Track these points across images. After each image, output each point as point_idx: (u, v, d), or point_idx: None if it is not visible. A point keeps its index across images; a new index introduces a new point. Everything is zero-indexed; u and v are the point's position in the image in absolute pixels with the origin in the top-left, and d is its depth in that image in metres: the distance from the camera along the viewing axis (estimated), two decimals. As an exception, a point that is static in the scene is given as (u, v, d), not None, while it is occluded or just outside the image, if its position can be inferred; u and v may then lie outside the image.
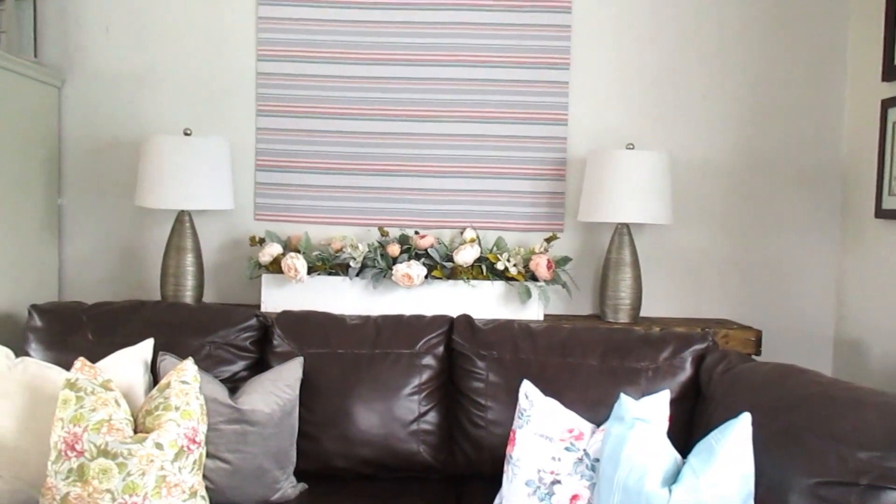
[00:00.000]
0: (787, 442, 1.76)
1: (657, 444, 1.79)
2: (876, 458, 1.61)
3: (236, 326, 2.45)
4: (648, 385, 2.23)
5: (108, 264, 3.05)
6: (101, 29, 3.00)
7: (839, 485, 1.63)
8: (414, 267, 2.72)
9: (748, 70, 3.00)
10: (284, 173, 3.00)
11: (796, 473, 1.70)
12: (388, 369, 2.36)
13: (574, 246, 3.03)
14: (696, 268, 3.05)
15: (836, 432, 1.70)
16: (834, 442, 1.68)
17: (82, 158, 3.02)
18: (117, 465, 1.86)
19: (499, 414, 2.29)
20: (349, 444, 2.28)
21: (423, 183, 2.99)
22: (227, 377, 2.37)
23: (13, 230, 2.67)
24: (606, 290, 2.83)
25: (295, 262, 2.71)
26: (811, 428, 1.75)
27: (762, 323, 2.97)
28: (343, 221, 3.01)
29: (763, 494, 1.73)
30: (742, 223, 3.04)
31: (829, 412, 1.76)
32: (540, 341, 2.38)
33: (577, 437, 1.96)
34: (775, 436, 1.79)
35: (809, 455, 1.70)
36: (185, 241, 2.80)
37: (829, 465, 1.66)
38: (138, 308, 2.49)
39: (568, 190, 3.02)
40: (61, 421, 1.91)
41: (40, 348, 2.38)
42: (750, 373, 2.08)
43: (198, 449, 2.00)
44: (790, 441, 1.75)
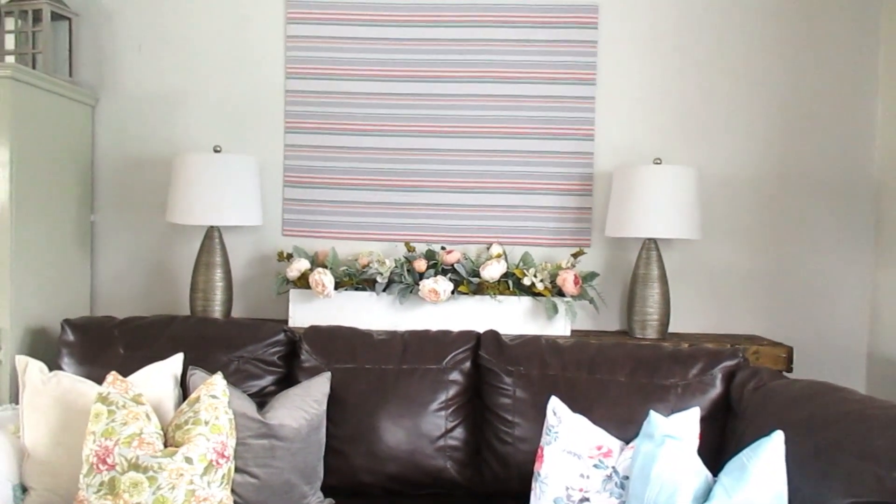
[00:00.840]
0: (822, 461, 1.72)
1: (688, 461, 1.77)
2: (914, 479, 1.57)
3: (264, 341, 2.47)
4: (678, 402, 2.20)
5: (138, 279, 3.09)
6: (133, 49, 3.07)
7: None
8: (440, 282, 2.73)
9: (776, 83, 2.98)
10: (312, 189, 3.03)
11: (831, 493, 1.66)
12: (415, 385, 2.36)
13: (601, 261, 3.01)
14: (725, 283, 3.02)
15: (872, 451, 1.66)
16: (870, 461, 1.65)
17: (115, 175, 3.08)
18: (148, 478, 1.88)
19: (526, 430, 2.27)
20: (376, 460, 2.28)
21: (450, 198, 3.00)
22: (255, 392, 2.38)
23: (47, 246, 2.73)
24: (634, 306, 2.81)
25: (322, 278, 2.73)
26: (846, 447, 1.71)
27: (793, 339, 2.93)
28: (370, 237, 3.02)
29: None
30: (772, 238, 3.01)
31: (865, 431, 1.72)
32: (567, 357, 2.36)
33: (605, 455, 1.94)
34: (809, 454, 1.75)
35: (845, 474, 1.66)
36: (215, 257, 2.83)
37: (866, 485, 1.62)
38: (168, 323, 2.52)
39: (594, 205, 3.01)
40: (93, 434, 1.93)
41: (73, 362, 2.42)
42: (782, 390, 2.04)
43: (227, 463, 2.01)
44: (825, 460, 1.72)
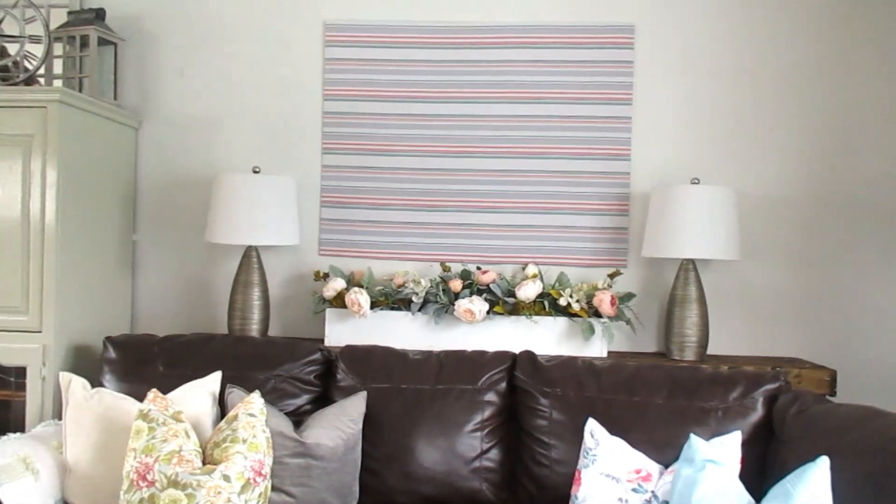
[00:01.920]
0: (870, 488, 1.68)
1: (730, 487, 1.74)
2: (967, 508, 1.52)
3: (301, 360, 2.49)
4: (718, 426, 2.16)
5: (178, 298, 3.14)
6: (175, 73, 3.14)
7: (927, 535, 1.54)
8: (476, 302, 2.72)
9: (816, 102, 2.94)
10: (348, 209, 3.06)
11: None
12: (451, 405, 2.36)
13: (638, 282, 2.99)
14: (765, 305, 2.97)
15: (923, 479, 1.62)
16: (920, 489, 1.60)
17: (156, 196, 3.14)
18: (186, 495, 1.90)
19: (563, 453, 2.25)
20: (411, 481, 2.28)
21: (485, 218, 3.01)
22: (292, 410, 2.40)
23: (91, 265, 2.78)
24: (672, 327, 2.78)
25: (358, 297, 2.75)
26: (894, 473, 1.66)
27: (836, 362, 2.87)
28: (405, 257, 3.03)
29: (844, 543, 1.66)
30: (813, 259, 2.95)
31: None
32: (604, 379, 2.34)
33: (644, 479, 1.91)
34: (856, 481, 1.71)
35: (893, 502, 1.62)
36: (252, 276, 2.86)
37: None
38: (207, 341, 2.56)
39: (631, 225, 2.99)
40: (134, 451, 1.96)
41: (114, 379, 2.46)
42: (826, 415, 2.00)
43: (263, 482, 2.02)
44: (873, 487, 1.67)
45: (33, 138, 2.53)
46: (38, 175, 2.53)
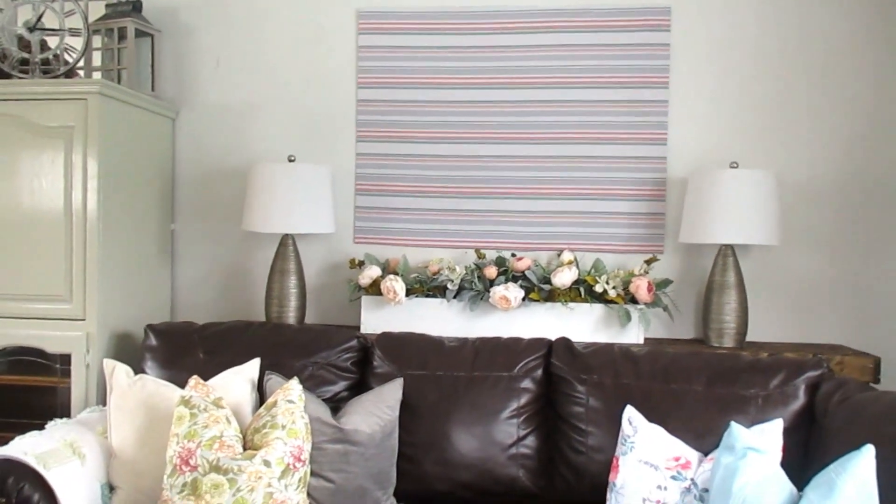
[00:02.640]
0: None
1: (771, 475, 1.72)
2: None
3: (338, 347, 2.51)
4: (758, 414, 2.13)
5: (216, 286, 3.18)
6: (211, 64, 3.17)
7: (977, 526, 1.51)
8: (511, 289, 2.72)
9: (859, 85, 2.87)
10: (383, 197, 3.07)
11: (927, 512, 1.58)
12: (487, 392, 2.36)
13: (675, 268, 2.95)
14: (806, 291, 2.92)
15: (972, 469, 1.58)
16: (970, 479, 1.56)
17: (194, 185, 3.18)
18: (228, 480, 1.93)
19: (600, 440, 2.24)
20: (448, 467, 2.29)
21: (520, 205, 2.99)
22: (329, 397, 2.42)
23: (131, 254, 2.83)
24: (710, 314, 2.74)
25: (394, 285, 2.76)
26: (943, 463, 1.63)
27: (880, 349, 2.81)
28: (440, 244, 3.04)
29: (890, 533, 1.63)
30: (855, 245, 2.89)
31: (963, 447, 1.64)
32: (642, 366, 2.32)
33: (683, 466, 1.89)
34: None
35: (942, 492, 1.58)
36: (289, 264, 2.89)
37: (966, 505, 1.54)
38: (245, 329, 2.59)
39: (668, 211, 2.95)
40: (176, 436, 1.99)
41: (156, 366, 2.50)
42: (871, 402, 1.96)
43: (303, 467, 2.05)
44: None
45: (74, 130, 2.58)
46: (79, 166, 2.58)
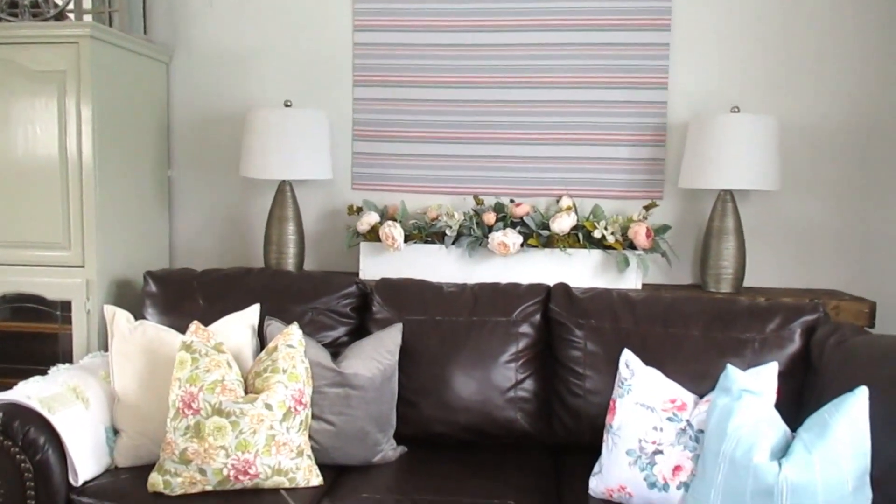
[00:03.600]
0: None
1: (766, 416, 1.74)
2: None
3: (337, 293, 2.52)
4: (755, 357, 2.16)
5: (214, 233, 3.17)
6: (205, 6, 3.10)
7: (967, 464, 1.54)
8: (510, 235, 2.71)
9: (864, 28, 2.82)
10: (380, 143, 3.04)
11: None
12: (485, 337, 2.38)
13: (674, 214, 2.95)
14: (804, 236, 2.92)
15: (964, 409, 1.60)
16: (961, 419, 1.59)
17: (189, 131, 3.15)
18: (230, 423, 1.96)
19: (597, 383, 2.27)
20: (447, 410, 2.32)
21: (519, 150, 2.97)
22: (329, 342, 2.44)
23: (129, 201, 2.82)
24: (708, 260, 2.75)
25: (392, 231, 2.75)
26: (935, 404, 1.65)
27: (876, 294, 2.82)
28: (439, 190, 3.02)
29: (880, 473, 1.66)
30: (854, 189, 2.88)
31: (956, 388, 1.66)
32: (640, 311, 2.34)
33: (679, 408, 1.92)
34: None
35: (933, 432, 1.61)
36: (287, 211, 2.88)
37: (956, 444, 1.57)
38: (244, 275, 2.59)
39: (668, 156, 2.93)
40: (178, 381, 2.01)
41: (156, 312, 2.52)
42: (866, 346, 1.98)
43: (304, 410, 2.07)
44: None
45: (66, 74, 2.54)
46: (73, 112, 2.55)
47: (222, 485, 1.98)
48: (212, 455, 1.95)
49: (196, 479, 1.97)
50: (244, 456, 1.96)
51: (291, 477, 2.02)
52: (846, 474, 1.62)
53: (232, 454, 1.95)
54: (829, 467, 1.62)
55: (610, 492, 1.95)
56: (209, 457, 1.95)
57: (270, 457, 1.98)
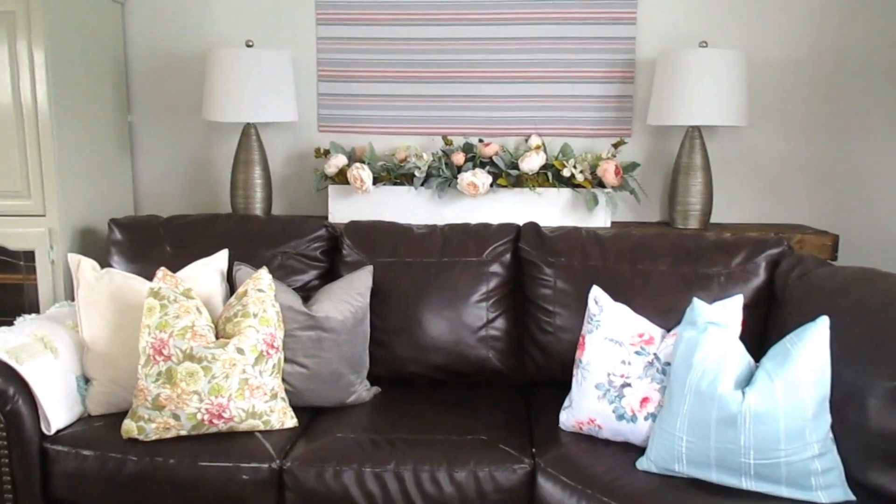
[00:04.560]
0: (868, 346, 1.72)
1: (730, 347, 1.78)
2: (961, 362, 1.56)
3: (306, 237, 2.50)
4: (720, 291, 2.20)
5: (179, 178, 3.11)
6: (158, -60, 2.98)
7: (921, 388, 1.59)
8: (479, 175, 2.70)
9: (834, -43, 2.80)
10: (347, 83, 2.98)
11: (876, 377, 1.66)
12: (456, 277, 2.39)
13: (642, 151, 2.95)
14: (770, 172, 2.95)
15: (920, 336, 1.65)
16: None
17: (148, 74, 3.05)
18: (202, 368, 1.96)
19: (567, 320, 2.30)
20: (420, 350, 2.34)
21: (487, 89, 2.93)
22: (300, 286, 2.43)
23: (88, 147, 2.75)
24: (676, 196, 2.77)
25: (360, 173, 2.72)
26: (893, 331, 1.70)
27: (840, 228, 2.88)
28: (407, 131, 2.98)
29: (839, 398, 1.71)
30: (821, 124, 2.90)
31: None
32: (609, 248, 2.36)
33: (647, 342, 1.96)
34: (855, 340, 1.75)
35: (891, 358, 1.66)
36: (253, 155, 2.83)
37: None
38: (212, 221, 2.56)
39: (636, 93, 2.92)
40: (148, 328, 2.00)
41: (122, 260, 2.48)
42: (828, 277, 2.02)
43: (276, 354, 2.08)
44: (870, 345, 1.71)
45: (16, 16, 2.44)
46: (24, 55, 2.46)
47: (197, 429, 1.99)
48: (185, 400, 1.95)
49: (170, 424, 1.97)
50: (218, 400, 1.96)
51: (266, 420, 2.04)
52: (807, 401, 1.67)
53: (205, 399, 1.96)
54: (790, 394, 1.67)
55: (580, 424, 2.00)
56: (182, 402, 1.95)
57: (244, 400, 1.99)
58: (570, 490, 1.81)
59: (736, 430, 1.68)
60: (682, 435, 1.75)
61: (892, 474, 1.62)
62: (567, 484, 1.83)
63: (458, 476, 1.90)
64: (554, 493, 1.84)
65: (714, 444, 1.71)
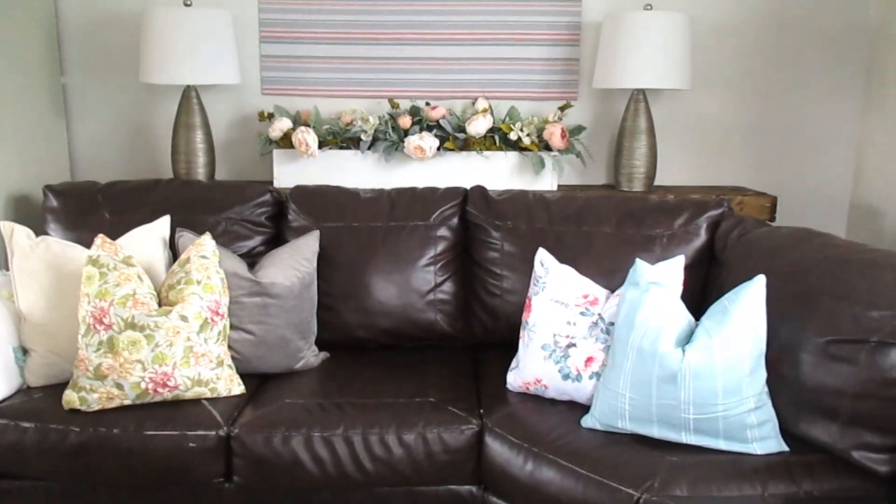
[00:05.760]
0: (802, 304, 1.78)
1: (671, 307, 1.82)
2: (888, 317, 1.62)
3: (251, 202, 2.46)
4: (663, 252, 2.24)
5: (117, 143, 3.02)
6: None
7: (850, 342, 1.66)
8: (426, 139, 2.69)
9: (775, -79, 2.83)
10: (290, 45, 2.91)
11: (809, 333, 1.72)
12: (404, 241, 2.38)
13: (588, 114, 2.97)
14: (713, 134, 3.00)
15: (851, 294, 1.71)
16: (848, 303, 1.70)
17: (82, 35, 2.93)
18: (145, 336, 1.92)
19: (514, 283, 2.32)
20: (368, 315, 2.34)
21: (434, 52, 2.90)
22: (245, 252, 2.40)
23: (19, 111, 2.63)
24: (621, 159, 2.80)
25: (306, 137, 2.68)
26: (826, 290, 1.76)
27: (779, 189, 2.96)
28: (353, 94, 2.94)
29: (774, 354, 1.77)
30: (762, 87, 2.95)
31: (845, 274, 1.77)
32: (555, 211, 2.38)
33: (592, 303, 1.99)
34: (790, 298, 1.81)
35: (823, 315, 1.72)
36: (193, 118, 2.76)
37: (842, 325, 1.68)
38: (153, 186, 2.49)
39: (582, 56, 2.93)
40: (87, 296, 1.95)
41: (59, 228, 2.41)
42: (765, 237, 2.08)
43: (221, 321, 2.05)
44: (804, 303, 1.77)
45: (-65, -30, 2.31)
46: (-54, 12, 2.34)
47: (141, 398, 1.96)
48: (128, 369, 1.92)
49: (113, 393, 1.94)
50: (162, 369, 1.93)
51: (213, 387, 2.02)
52: (743, 357, 1.72)
53: (149, 367, 1.93)
54: (727, 351, 1.72)
55: (526, 385, 2.03)
56: (125, 371, 1.92)
57: (189, 368, 1.97)
58: (517, 448, 1.85)
59: (676, 387, 1.73)
60: (626, 392, 1.80)
61: (822, 426, 1.69)
62: (514, 443, 1.86)
63: (406, 438, 1.91)
64: (501, 451, 1.87)
65: (655, 401, 1.75)
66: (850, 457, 1.66)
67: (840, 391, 1.66)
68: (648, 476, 1.67)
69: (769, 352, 1.77)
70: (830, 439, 1.68)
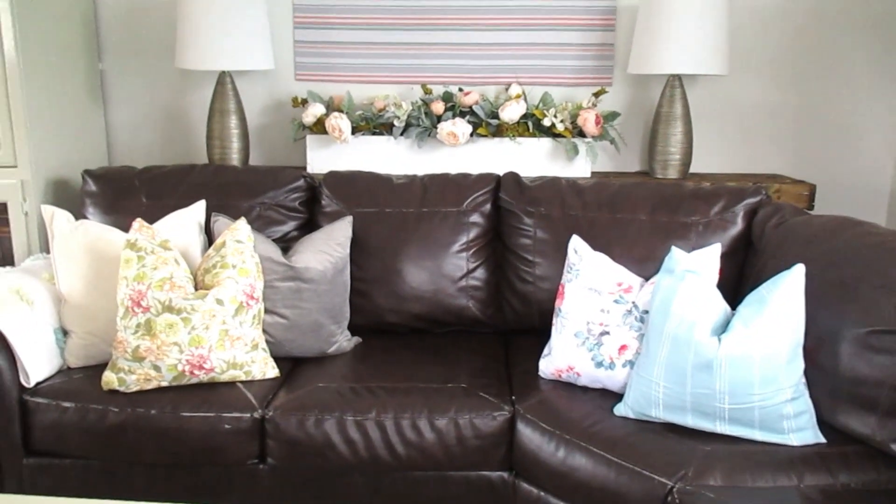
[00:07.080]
0: (841, 293, 1.75)
1: (707, 295, 1.80)
2: (931, 307, 1.59)
3: (285, 187, 2.47)
4: (699, 240, 2.21)
5: (153, 128, 3.05)
6: None
7: (891, 333, 1.62)
8: (459, 125, 2.68)
9: None
10: (324, 30, 2.92)
11: (848, 323, 1.69)
12: (436, 227, 2.38)
13: (623, 100, 2.93)
14: (750, 121, 2.95)
15: (891, 283, 1.68)
16: (888, 292, 1.67)
17: (119, 21, 2.96)
18: (182, 319, 1.95)
19: (546, 269, 2.31)
20: (400, 300, 2.35)
21: (467, 37, 2.89)
22: (279, 237, 2.42)
23: (59, 97, 2.68)
24: (656, 146, 2.76)
25: (339, 123, 2.69)
26: (866, 279, 1.73)
27: (817, 177, 2.90)
28: (385, 80, 2.94)
29: (812, 344, 1.75)
30: (802, 73, 2.89)
31: (885, 263, 1.73)
32: (588, 197, 2.36)
33: (626, 290, 1.97)
34: (829, 287, 1.78)
35: (862, 305, 1.69)
36: (228, 104, 2.78)
37: (883, 314, 1.65)
38: (188, 171, 2.52)
39: (617, 41, 2.89)
40: (125, 279, 1.98)
41: (97, 212, 2.45)
42: (804, 226, 2.04)
43: (256, 304, 2.07)
44: (844, 292, 1.74)
45: (-23, -42, 2.35)
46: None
47: (178, 380, 2.00)
48: (165, 352, 1.95)
49: (151, 375, 1.97)
50: (198, 351, 1.96)
51: (247, 370, 2.04)
52: (781, 347, 1.70)
53: (185, 350, 1.96)
54: (765, 341, 1.69)
55: (559, 372, 2.03)
56: (162, 353, 1.95)
57: (225, 351, 1.99)
58: (549, 435, 1.84)
59: (711, 376, 1.71)
60: (660, 381, 1.78)
61: (860, 417, 1.67)
62: (546, 429, 1.86)
63: (438, 423, 1.92)
64: (533, 438, 1.87)
65: (690, 390, 1.74)
66: (890, 449, 1.63)
67: (880, 382, 1.63)
68: (682, 465, 1.66)
69: (807, 341, 1.75)
70: (869, 431, 1.66)
